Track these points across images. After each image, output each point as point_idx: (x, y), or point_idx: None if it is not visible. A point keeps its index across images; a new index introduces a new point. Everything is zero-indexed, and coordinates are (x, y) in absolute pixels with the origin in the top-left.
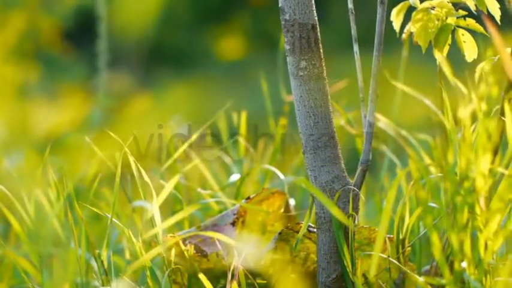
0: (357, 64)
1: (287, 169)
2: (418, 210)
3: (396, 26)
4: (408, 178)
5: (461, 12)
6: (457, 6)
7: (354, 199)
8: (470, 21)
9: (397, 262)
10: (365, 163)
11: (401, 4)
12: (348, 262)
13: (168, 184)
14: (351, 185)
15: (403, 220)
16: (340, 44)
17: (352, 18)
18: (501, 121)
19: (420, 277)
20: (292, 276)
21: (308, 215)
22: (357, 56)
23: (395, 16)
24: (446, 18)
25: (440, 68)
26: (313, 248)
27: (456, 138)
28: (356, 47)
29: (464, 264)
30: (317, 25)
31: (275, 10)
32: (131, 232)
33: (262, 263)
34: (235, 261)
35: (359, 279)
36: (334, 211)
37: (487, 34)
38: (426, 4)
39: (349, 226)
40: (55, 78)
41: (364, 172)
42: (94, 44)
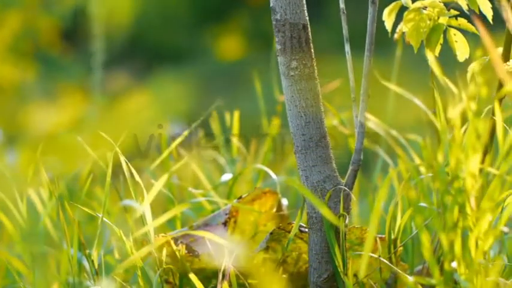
0: (349, 64)
1: (280, 169)
2: (410, 210)
3: (388, 26)
4: (401, 178)
5: (453, 11)
6: (449, 5)
7: (345, 199)
8: (462, 20)
9: (389, 262)
10: (356, 163)
11: (393, 4)
12: (339, 262)
13: (158, 182)
14: (342, 185)
15: (395, 220)
16: (338, 43)
17: (343, 18)
18: (491, 121)
19: (410, 277)
20: (283, 276)
21: (299, 215)
22: (349, 56)
23: (387, 16)
24: (438, 18)
25: (432, 68)
26: (305, 248)
27: (446, 138)
28: (347, 47)
29: (454, 264)
30: (308, 25)
31: None
32: (122, 231)
33: (253, 263)
34: (226, 261)
35: (350, 279)
36: (324, 211)
37: (479, 34)
38: (418, 4)
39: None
40: (53, 78)
41: (355, 172)
42: (92, 44)
